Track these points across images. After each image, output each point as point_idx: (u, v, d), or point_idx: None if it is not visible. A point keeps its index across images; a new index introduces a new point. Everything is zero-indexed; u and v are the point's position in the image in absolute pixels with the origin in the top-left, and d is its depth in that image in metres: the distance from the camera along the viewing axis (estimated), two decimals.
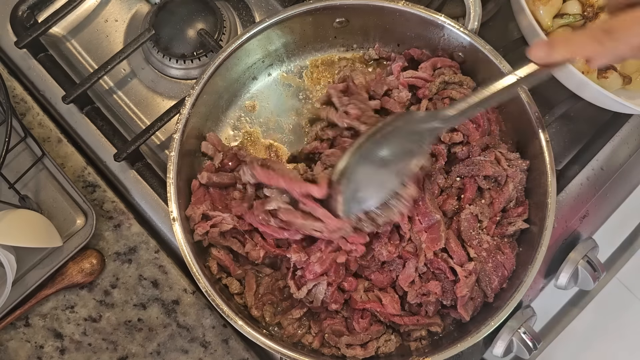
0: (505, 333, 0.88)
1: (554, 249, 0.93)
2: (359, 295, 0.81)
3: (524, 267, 0.80)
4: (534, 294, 0.93)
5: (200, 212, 0.81)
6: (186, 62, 0.98)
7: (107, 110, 0.97)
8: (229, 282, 0.83)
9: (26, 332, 0.88)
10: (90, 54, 1.02)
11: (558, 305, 0.94)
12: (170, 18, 0.98)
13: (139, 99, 0.99)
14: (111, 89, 0.99)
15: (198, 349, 0.88)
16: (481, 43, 0.84)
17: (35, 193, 0.90)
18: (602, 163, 0.96)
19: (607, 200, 0.96)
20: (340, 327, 0.81)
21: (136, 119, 0.98)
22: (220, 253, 0.83)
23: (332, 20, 0.91)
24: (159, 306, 0.89)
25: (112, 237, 0.90)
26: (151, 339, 0.88)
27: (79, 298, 0.89)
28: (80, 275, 0.87)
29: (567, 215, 0.94)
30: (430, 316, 0.81)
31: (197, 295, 0.89)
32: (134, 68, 1.00)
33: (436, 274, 0.81)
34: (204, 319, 0.88)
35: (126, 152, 0.90)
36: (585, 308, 0.94)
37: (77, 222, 0.89)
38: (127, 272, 0.90)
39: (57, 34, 1.02)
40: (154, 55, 0.98)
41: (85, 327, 0.88)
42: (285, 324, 0.82)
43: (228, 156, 0.87)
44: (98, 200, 0.91)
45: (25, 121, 0.94)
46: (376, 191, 0.77)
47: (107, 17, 1.03)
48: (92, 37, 1.02)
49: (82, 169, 0.93)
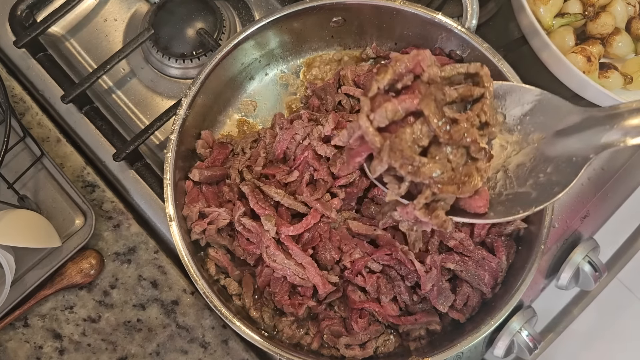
0: (505, 334, 0.87)
1: (555, 249, 0.93)
2: (357, 295, 0.81)
3: (523, 267, 0.79)
4: (534, 294, 0.93)
5: (196, 210, 0.81)
6: (185, 62, 0.97)
7: (106, 110, 0.97)
8: (227, 283, 0.83)
9: (25, 333, 0.88)
10: (90, 53, 1.01)
11: (559, 306, 0.94)
12: (169, 17, 0.97)
13: (139, 98, 0.99)
14: (110, 88, 0.99)
15: (197, 350, 0.87)
16: (478, 41, 0.84)
17: (34, 193, 0.90)
18: (603, 163, 0.96)
19: (608, 201, 0.96)
20: (339, 327, 0.81)
21: (135, 119, 0.98)
22: (218, 254, 0.83)
23: (329, 19, 0.90)
24: (159, 307, 0.88)
25: (112, 237, 0.90)
26: (150, 339, 0.88)
27: (78, 298, 0.89)
28: (80, 275, 0.87)
29: (568, 215, 0.93)
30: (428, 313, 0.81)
31: (197, 295, 0.88)
32: (133, 67, 1.00)
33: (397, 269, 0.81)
34: (204, 320, 0.88)
35: (125, 152, 0.90)
36: (586, 308, 0.93)
37: (76, 222, 0.89)
38: (126, 273, 0.89)
39: (56, 34, 1.01)
40: (154, 54, 0.98)
41: (85, 328, 0.88)
42: (283, 325, 0.81)
43: (216, 149, 0.87)
44: (97, 200, 0.91)
45: (24, 121, 0.94)
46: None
47: (107, 16, 1.02)
48: (91, 37, 1.02)
49: (82, 169, 0.92)
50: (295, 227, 0.79)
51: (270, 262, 0.79)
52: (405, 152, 0.58)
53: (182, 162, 0.84)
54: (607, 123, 0.58)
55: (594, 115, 0.59)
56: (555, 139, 0.63)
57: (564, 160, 0.62)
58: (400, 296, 0.81)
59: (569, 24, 0.91)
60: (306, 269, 0.78)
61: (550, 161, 0.63)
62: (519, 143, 0.67)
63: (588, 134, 0.59)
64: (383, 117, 0.59)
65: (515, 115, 0.67)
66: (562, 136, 0.62)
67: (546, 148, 0.64)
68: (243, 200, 0.83)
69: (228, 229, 0.83)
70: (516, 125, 0.67)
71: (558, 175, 0.61)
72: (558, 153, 0.62)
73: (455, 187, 0.59)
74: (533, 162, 0.64)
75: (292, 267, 0.78)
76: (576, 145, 0.60)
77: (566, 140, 0.62)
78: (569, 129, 0.62)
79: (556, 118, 0.63)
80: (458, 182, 0.60)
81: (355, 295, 0.81)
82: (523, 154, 0.66)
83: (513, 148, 0.67)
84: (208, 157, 0.87)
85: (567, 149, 0.61)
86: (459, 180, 0.60)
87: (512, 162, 0.66)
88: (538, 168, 0.64)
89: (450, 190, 0.59)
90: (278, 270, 0.79)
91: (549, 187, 0.61)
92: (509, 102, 0.67)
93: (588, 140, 0.59)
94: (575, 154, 0.60)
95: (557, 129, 0.63)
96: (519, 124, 0.67)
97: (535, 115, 0.65)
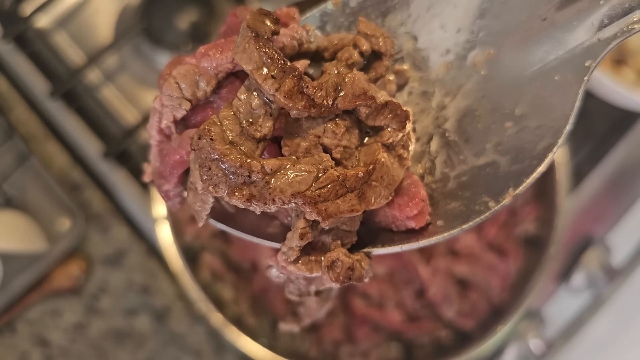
0: (514, 340, 0.85)
1: (566, 251, 0.91)
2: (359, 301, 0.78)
3: (532, 270, 0.78)
4: (544, 299, 0.91)
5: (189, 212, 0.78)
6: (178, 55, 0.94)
7: (96, 106, 0.94)
8: (222, 289, 0.80)
9: (12, 339, 0.85)
10: (80, 47, 0.98)
11: (570, 311, 0.92)
12: (161, 10, 0.94)
13: (130, 93, 0.95)
14: (101, 83, 0.96)
15: (191, 358, 0.85)
16: None
17: (21, 194, 0.87)
18: (615, 162, 0.93)
19: (620, 201, 0.94)
20: (339, 334, 0.78)
21: (127, 114, 0.95)
22: (212, 258, 0.80)
23: None
24: (150, 313, 0.85)
25: (101, 240, 0.87)
26: (141, 347, 0.85)
27: (67, 304, 0.86)
28: (67, 280, 0.84)
29: (579, 216, 0.91)
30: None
31: (190, 301, 0.85)
32: (124, 61, 0.96)
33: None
34: (197, 327, 0.85)
35: (116, 150, 0.87)
36: (598, 313, 0.91)
37: (64, 225, 0.86)
38: (116, 277, 0.86)
39: (45, 27, 0.98)
40: (145, 47, 0.94)
41: (73, 334, 0.85)
42: (281, 333, 0.79)
43: None
44: (86, 202, 0.88)
45: (11, 118, 0.90)
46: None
47: (97, 8, 0.99)
48: (81, 30, 0.98)
49: (70, 169, 0.89)
50: None
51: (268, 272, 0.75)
52: (228, 160, 0.30)
53: None
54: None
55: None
56: (516, 48, 0.36)
57: (543, 85, 0.35)
58: (403, 302, 0.78)
59: None
60: None
61: (518, 94, 0.36)
62: (453, 78, 0.38)
63: (574, 22, 0.34)
64: (175, 97, 0.35)
65: (431, 28, 0.38)
66: (526, 41, 0.36)
67: (502, 72, 0.36)
68: None
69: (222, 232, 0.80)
70: (438, 46, 0.38)
71: (539, 114, 0.35)
72: (527, 75, 0.36)
73: (352, 198, 0.32)
74: (487, 105, 0.37)
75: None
76: (553, 53, 0.35)
77: (534, 49, 0.35)
78: (535, 24, 0.35)
79: (505, 11, 0.36)
80: (356, 184, 0.32)
81: (356, 301, 0.78)
82: (464, 94, 0.38)
83: (445, 90, 0.38)
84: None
85: (539, 64, 0.35)
86: (357, 181, 0.32)
87: (449, 115, 0.38)
88: (500, 112, 0.36)
89: (345, 209, 0.31)
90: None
91: (529, 141, 0.35)
92: (418, 8, 0.38)
93: (574, 36, 0.34)
94: (556, 67, 0.34)
95: (512, 31, 0.36)
96: (441, 43, 0.38)
97: (465, 16, 0.37)
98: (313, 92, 0.31)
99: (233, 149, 0.30)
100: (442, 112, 0.38)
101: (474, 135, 0.37)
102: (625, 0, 0.32)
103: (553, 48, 0.34)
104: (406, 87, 0.38)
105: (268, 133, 0.32)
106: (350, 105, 0.32)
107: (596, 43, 0.33)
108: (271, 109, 0.31)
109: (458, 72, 0.38)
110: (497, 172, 0.35)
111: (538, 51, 0.35)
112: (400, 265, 0.79)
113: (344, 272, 0.32)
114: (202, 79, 0.35)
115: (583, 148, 0.94)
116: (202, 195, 0.32)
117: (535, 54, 0.35)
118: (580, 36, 0.34)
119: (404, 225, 0.35)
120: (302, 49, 0.35)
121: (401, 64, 0.38)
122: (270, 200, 0.30)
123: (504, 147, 0.35)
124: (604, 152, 0.93)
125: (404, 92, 0.38)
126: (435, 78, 0.38)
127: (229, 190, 0.30)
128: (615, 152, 0.93)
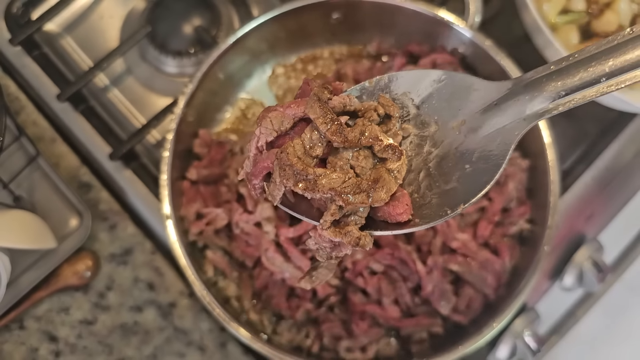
0: (508, 336, 0.86)
1: (559, 250, 0.92)
2: (358, 297, 0.80)
3: (526, 268, 0.79)
4: (538, 295, 0.92)
5: (193, 210, 0.80)
6: (183, 59, 0.96)
7: (102, 109, 0.96)
8: (225, 285, 0.82)
9: (21, 335, 0.87)
10: (86, 51, 1.00)
11: (563, 308, 0.93)
12: (166, 14, 0.96)
13: (135, 96, 0.98)
14: (107, 86, 0.98)
15: (195, 353, 0.86)
16: (480, 39, 0.83)
17: (29, 193, 0.89)
18: (607, 163, 0.94)
19: (612, 201, 0.95)
20: (339, 330, 0.80)
21: (132, 117, 0.97)
22: (215, 255, 0.81)
23: (328, 16, 0.89)
24: (155, 309, 0.87)
25: (108, 238, 0.89)
26: (147, 342, 0.87)
27: (74, 300, 0.87)
28: (75, 277, 0.86)
29: (572, 216, 0.92)
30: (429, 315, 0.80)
31: (194, 298, 0.87)
32: (129, 65, 0.98)
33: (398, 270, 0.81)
34: (201, 322, 0.87)
35: (122, 152, 0.89)
36: (590, 310, 0.92)
37: (72, 223, 0.87)
38: (122, 274, 0.88)
39: (52, 31, 1.00)
40: (150, 52, 0.96)
41: (80, 330, 0.87)
42: (282, 328, 0.80)
43: (213, 148, 0.85)
44: (93, 201, 0.90)
45: (20, 120, 0.92)
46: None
47: (103, 13, 1.01)
48: (87, 34, 1.00)
49: (77, 169, 0.91)
50: (294, 229, 0.78)
51: (269, 265, 0.77)
52: (296, 167, 0.52)
53: (179, 161, 0.83)
54: (527, 92, 0.53)
55: (511, 87, 0.54)
56: (477, 121, 0.56)
57: (489, 144, 0.55)
58: (401, 298, 0.80)
59: (573, 21, 0.89)
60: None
61: (475, 148, 0.56)
62: (439, 135, 0.59)
63: (509, 109, 0.54)
64: (268, 129, 0.55)
65: (429, 104, 0.59)
66: (483, 117, 0.56)
67: (469, 134, 0.56)
68: (241, 201, 0.82)
69: (226, 229, 0.82)
70: (431, 116, 0.59)
71: (485, 162, 0.54)
72: (482, 137, 0.55)
73: (364, 196, 0.52)
74: (457, 154, 0.57)
75: (290, 270, 0.77)
76: (499, 124, 0.54)
77: (488, 120, 0.55)
78: (489, 107, 0.55)
79: (472, 98, 0.57)
80: (367, 189, 0.53)
81: (356, 297, 0.80)
82: (445, 146, 0.58)
83: (433, 142, 0.59)
84: (205, 156, 0.86)
85: (490, 131, 0.55)
86: (368, 187, 0.53)
87: (433, 158, 0.59)
88: (464, 158, 0.56)
89: (358, 201, 0.52)
90: (277, 273, 0.77)
91: (477, 178, 0.54)
92: (421, 91, 0.60)
93: (510, 116, 0.54)
94: (499, 134, 0.54)
95: (475, 111, 0.56)
96: (434, 113, 0.59)
97: (449, 99, 0.59)
98: (348, 134, 0.53)
99: (299, 161, 0.52)
100: (429, 156, 0.58)
101: (446, 171, 0.56)
102: (552, 94, 0.52)
103: (497, 122, 0.54)
104: (409, 137, 0.59)
105: (320, 154, 0.54)
106: (368, 143, 0.54)
107: (522, 122, 0.53)
108: (323, 141, 0.54)
109: (442, 132, 0.58)
110: (456, 194, 0.55)
111: (490, 122, 0.55)
112: (398, 263, 0.80)
113: (354, 240, 0.52)
114: (285, 120, 0.55)
115: (576, 149, 0.95)
116: (279, 186, 0.53)
117: (488, 123, 0.55)
118: (511, 118, 0.54)
119: (395, 219, 0.54)
120: (346, 109, 0.56)
121: (407, 123, 0.59)
122: (316, 190, 0.51)
123: (462, 180, 0.55)
124: (596, 153, 0.94)
125: (407, 141, 0.59)
126: (428, 134, 0.59)
127: (294, 183, 0.51)
128: (607, 153, 0.94)
